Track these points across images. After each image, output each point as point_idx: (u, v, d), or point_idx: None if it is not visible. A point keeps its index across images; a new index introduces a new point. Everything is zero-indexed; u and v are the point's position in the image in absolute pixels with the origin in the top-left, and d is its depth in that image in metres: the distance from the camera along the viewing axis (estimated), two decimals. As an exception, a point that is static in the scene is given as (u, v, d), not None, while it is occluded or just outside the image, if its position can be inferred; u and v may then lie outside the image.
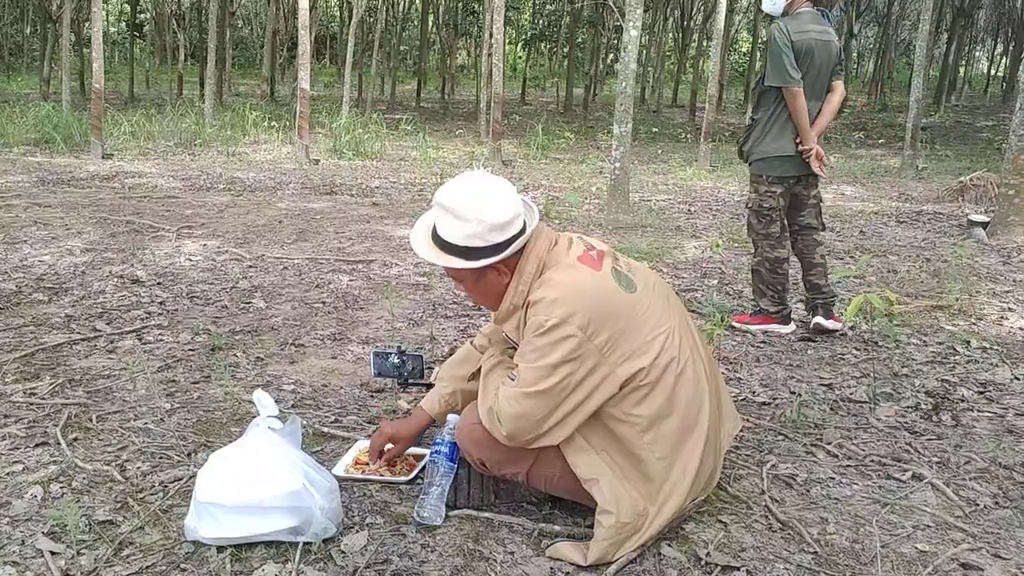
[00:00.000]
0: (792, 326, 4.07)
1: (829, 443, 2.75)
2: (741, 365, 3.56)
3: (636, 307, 2.03)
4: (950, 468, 2.61)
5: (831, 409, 3.08)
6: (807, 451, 2.70)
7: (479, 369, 2.27)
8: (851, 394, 3.23)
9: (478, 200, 2.03)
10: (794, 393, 3.21)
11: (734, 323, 4.01)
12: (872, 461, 2.64)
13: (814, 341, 3.92)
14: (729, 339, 3.88)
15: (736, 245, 6.13)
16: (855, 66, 36.27)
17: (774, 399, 3.17)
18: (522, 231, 2.07)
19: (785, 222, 4.06)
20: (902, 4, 25.66)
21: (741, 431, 2.65)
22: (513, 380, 2.00)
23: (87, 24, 20.16)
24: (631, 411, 2.00)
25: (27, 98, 17.38)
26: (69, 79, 15.09)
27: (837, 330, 4.02)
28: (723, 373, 3.37)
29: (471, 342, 2.50)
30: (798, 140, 3.91)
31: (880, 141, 16.96)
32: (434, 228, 2.12)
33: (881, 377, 3.41)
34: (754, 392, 3.24)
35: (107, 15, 28.87)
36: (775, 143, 3.93)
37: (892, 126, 19.76)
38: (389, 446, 2.41)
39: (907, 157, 11.51)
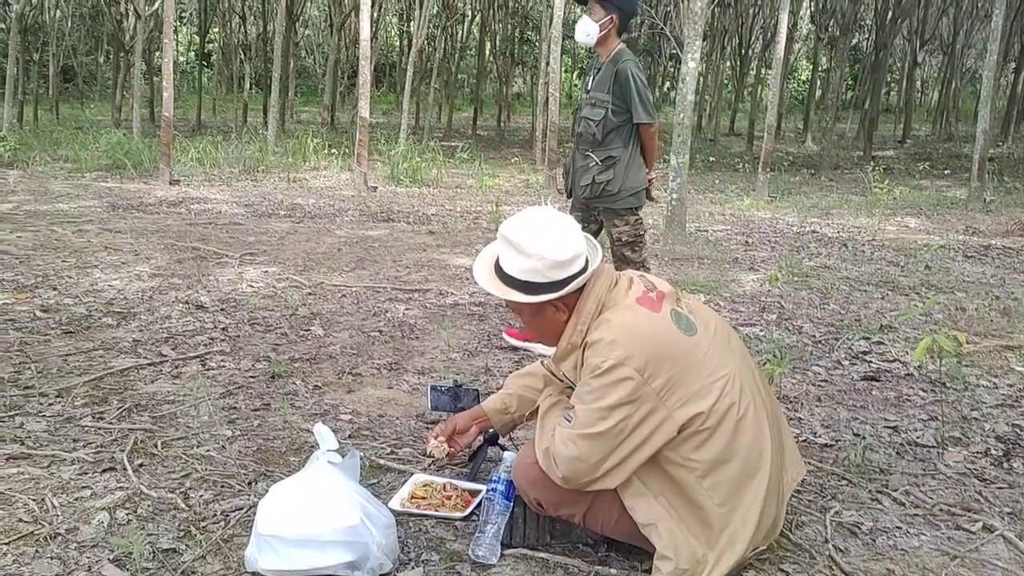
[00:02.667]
0: None
1: (895, 490, 2.67)
2: (802, 404, 3.48)
3: (695, 350, 2.00)
4: (1022, 520, 2.51)
5: (897, 453, 2.99)
6: (872, 498, 2.62)
7: (537, 408, 2.27)
8: (918, 438, 3.14)
9: (540, 236, 2.04)
10: (858, 435, 3.13)
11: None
12: (940, 510, 2.55)
13: (878, 380, 3.82)
14: (789, 378, 3.81)
15: (796, 279, 6.02)
16: (919, 95, 35.57)
17: (836, 441, 3.09)
18: (583, 270, 2.07)
19: None
20: (967, 33, 25.10)
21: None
22: (569, 421, 1.99)
23: (158, 54, 20.89)
24: (690, 456, 1.97)
25: (99, 125, 18.06)
26: (140, 107, 15.69)
27: None
28: (783, 413, 3.30)
29: (541, 361, 2.58)
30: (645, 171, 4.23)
31: (946, 172, 16.55)
32: (497, 259, 2.14)
33: (949, 420, 3.30)
34: (815, 433, 3.16)
35: (177, 45, 29.95)
36: (639, 176, 4.19)
37: (958, 156, 19.29)
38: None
39: (974, 189, 11.20)
